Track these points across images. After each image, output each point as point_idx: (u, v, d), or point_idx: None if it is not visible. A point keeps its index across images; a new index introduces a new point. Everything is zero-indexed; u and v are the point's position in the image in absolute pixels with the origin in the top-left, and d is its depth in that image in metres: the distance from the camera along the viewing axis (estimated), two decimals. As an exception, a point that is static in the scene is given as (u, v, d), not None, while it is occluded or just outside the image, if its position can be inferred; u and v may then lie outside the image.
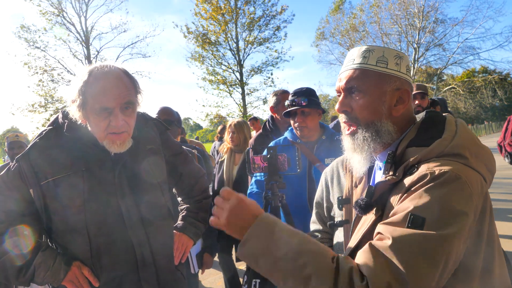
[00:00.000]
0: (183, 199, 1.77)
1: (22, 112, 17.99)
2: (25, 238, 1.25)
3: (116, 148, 1.27)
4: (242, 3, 18.11)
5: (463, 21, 19.63)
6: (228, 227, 0.88)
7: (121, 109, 1.24)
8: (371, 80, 0.96)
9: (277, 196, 2.00)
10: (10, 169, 1.28)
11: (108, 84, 1.21)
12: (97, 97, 1.20)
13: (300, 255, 0.79)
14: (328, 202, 1.74)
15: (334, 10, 24.63)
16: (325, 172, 1.79)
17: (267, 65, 18.98)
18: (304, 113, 2.23)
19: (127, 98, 1.25)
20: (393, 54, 0.97)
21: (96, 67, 1.25)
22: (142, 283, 1.34)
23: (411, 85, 1.00)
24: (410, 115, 1.01)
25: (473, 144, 0.89)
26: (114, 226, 1.30)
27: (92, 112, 1.22)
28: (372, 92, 0.96)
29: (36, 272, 1.23)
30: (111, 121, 1.23)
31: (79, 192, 1.25)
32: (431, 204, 0.77)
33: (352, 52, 1.02)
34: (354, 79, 0.97)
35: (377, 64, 0.96)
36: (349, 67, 1.00)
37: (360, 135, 0.98)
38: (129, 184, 1.34)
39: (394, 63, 0.97)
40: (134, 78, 1.31)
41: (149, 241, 1.36)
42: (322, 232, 1.76)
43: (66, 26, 18.73)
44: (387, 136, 0.97)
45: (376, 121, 0.96)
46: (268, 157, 1.98)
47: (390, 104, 0.97)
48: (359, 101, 0.97)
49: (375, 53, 0.97)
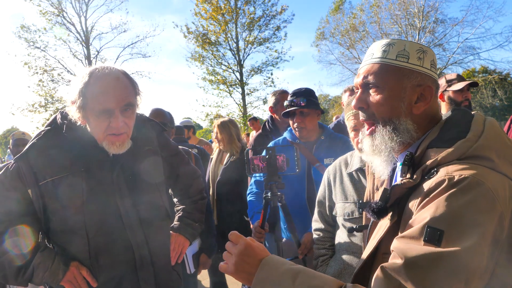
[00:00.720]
0: (179, 200, 1.78)
1: (22, 112, 18.00)
2: (25, 238, 1.26)
3: (115, 149, 1.28)
4: (242, 3, 18.12)
5: (463, 21, 19.62)
6: (236, 274, 0.87)
7: (121, 110, 1.25)
8: (389, 75, 0.90)
9: (276, 196, 2.01)
10: (8, 169, 1.28)
11: (108, 86, 1.22)
12: (97, 99, 1.21)
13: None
14: (330, 201, 1.75)
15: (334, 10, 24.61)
16: (328, 171, 1.80)
17: (267, 65, 19.00)
18: (303, 113, 2.24)
19: (127, 99, 1.26)
20: (416, 48, 0.91)
21: (97, 68, 1.25)
22: (140, 283, 1.35)
23: (435, 81, 0.93)
24: (434, 113, 0.93)
25: (502, 145, 0.81)
26: (113, 227, 1.30)
27: (92, 113, 1.23)
28: (390, 88, 0.90)
29: (35, 272, 1.24)
30: (111, 122, 1.24)
31: (78, 193, 1.26)
32: (450, 215, 0.71)
33: (372, 46, 0.96)
34: (371, 74, 0.92)
35: (397, 58, 0.90)
36: (367, 62, 0.95)
37: (378, 134, 0.93)
38: (128, 185, 1.35)
39: (416, 57, 0.90)
40: (133, 79, 1.32)
41: (148, 241, 1.37)
42: (323, 231, 1.77)
43: (66, 26, 18.76)
44: (406, 135, 0.90)
45: (394, 118, 0.91)
46: (267, 158, 1.98)
47: (410, 101, 0.90)
48: (375, 96, 0.92)
49: (395, 47, 0.91)
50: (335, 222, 1.76)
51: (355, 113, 1.60)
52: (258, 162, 2.02)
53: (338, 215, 1.69)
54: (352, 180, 1.67)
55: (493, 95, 21.78)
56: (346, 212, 1.63)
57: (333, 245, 1.73)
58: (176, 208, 1.77)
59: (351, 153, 1.79)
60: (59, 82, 18.66)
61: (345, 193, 1.67)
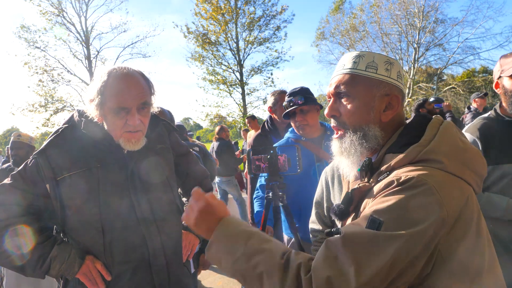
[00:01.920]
0: (188, 199, 1.80)
1: (22, 112, 18.01)
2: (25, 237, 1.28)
3: (131, 146, 1.33)
4: (242, 3, 18.12)
5: (463, 21, 19.60)
6: (196, 228, 0.94)
7: (138, 108, 1.30)
8: (359, 85, 0.96)
9: (277, 196, 2.00)
10: (27, 164, 1.32)
11: (126, 85, 1.27)
12: (115, 97, 1.26)
13: (253, 255, 0.83)
14: (329, 201, 1.74)
15: (334, 10, 24.60)
16: (325, 172, 1.79)
17: (267, 65, 18.99)
18: (303, 111, 2.24)
19: (144, 98, 1.31)
20: (384, 60, 0.97)
21: (115, 68, 1.30)
22: (153, 276, 1.38)
23: (402, 91, 0.99)
24: (400, 120, 1.00)
25: (454, 148, 0.87)
26: (127, 221, 1.34)
27: (109, 111, 1.28)
28: (361, 97, 0.96)
29: (52, 264, 1.28)
30: (128, 120, 1.29)
31: (94, 188, 1.30)
32: (390, 208, 0.77)
33: (343, 58, 1.03)
34: (343, 84, 0.98)
35: (366, 69, 0.96)
36: (339, 72, 1.01)
37: (348, 138, 0.98)
38: (141, 181, 1.39)
39: (384, 68, 0.96)
40: (149, 79, 1.38)
41: (161, 236, 1.41)
42: (321, 233, 1.76)
43: (66, 26, 18.76)
44: (374, 141, 0.96)
45: (363, 125, 0.96)
46: (268, 158, 1.98)
47: (378, 109, 0.96)
48: (347, 105, 0.98)
49: (365, 59, 0.97)
50: (333, 223, 1.75)
51: None
52: (260, 162, 2.02)
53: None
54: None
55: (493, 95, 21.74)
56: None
57: None
58: (185, 207, 1.78)
59: None
60: (59, 82, 18.67)
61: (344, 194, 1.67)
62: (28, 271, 1.28)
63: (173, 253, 1.46)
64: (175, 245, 1.50)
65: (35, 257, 1.27)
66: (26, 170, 1.31)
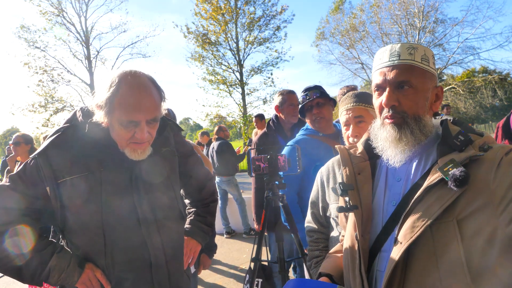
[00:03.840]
0: (190, 202, 1.78)
1: (22, 112, 18.01)
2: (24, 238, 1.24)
3: (136, 156, 1.29)
4: (242, 3, 18.14)
5: (463, 21, 19.61)
6: None
7: (147, 121, 1.25)
8: (419, 76, 1.00)
9: (277, 196, 2.01)
10: (27, 165, 1.27)
11: (138, 98, 1.20)
12: (125, 110, 1.20)
13: None
14: (324, 202, 1.73)
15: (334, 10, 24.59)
16: (321, 172, 1.78)
17: (267, 65, 19.02)
18: (319, 104, 2.25)
19: (154, 113, 1.26)
20: (431, 54, 1.03)
21: (127, 76, 1.22)
22: (153, 276, 1.35)
23: None
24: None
25: None
26: (130, 227, 1.31)
27: (117, 122, 1.22)
28: (420, 88, 1.00)
29: (51, 273, 1.24)
30: (136, 132, 1.24)
31: (97, 192, 1.26)
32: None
33: (393, 48, 1.03)
34: (405, 74, 0.99)
35: (422, 62, 1.00)
36: (396, 62, 1.01)
37: (408, 128, 1.01)
38: (145, 186, 1.36)
39: (432, 62, 1.02)
40: (160, 88, 1.32)
41: (163, 242, 1.38)
42: (317, 232, 1.75)
43: (66, 26, 18.78)
44: (428, 130, 1.02)
45: (422, 115, 1.01)
46: (268, 158, 1.98)
47: (431, 100, 1.02)
48: (409, 96, 1.00)
49: (419, 51, 1.01)
50: (328, 223, 1.75)
51: (348, 108, 1.63)
52: (260, 162, 2.02)
53: (333, 216, 1.68)
54: None
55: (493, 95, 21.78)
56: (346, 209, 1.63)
57: (327, 247, 1.71)
58: (188, 210, 1.76)
59: None
60: (59, 82, 18.68)
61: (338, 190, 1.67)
62: (26, 279, 1.24)
63: (173, 254, 1.44)
64: (176, 246, 1.48)
65: (33, 265, 1.22)
66: (25, 171, 1.26)
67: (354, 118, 1.61)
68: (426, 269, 0.87)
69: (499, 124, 4.20)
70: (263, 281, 2.06)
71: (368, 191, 1.10)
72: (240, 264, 4.66)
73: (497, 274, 0.77)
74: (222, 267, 4.61)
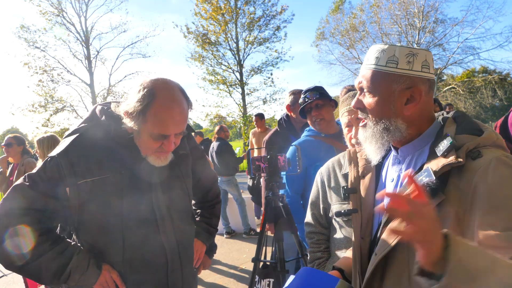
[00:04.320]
0: (196, 203, 1.80)
1: (22, 112, 18.01)
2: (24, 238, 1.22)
3: (159, 163, 1.30)
4: (242, 3, 18.13)
5: (463, 21, 19.60)
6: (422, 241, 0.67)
7: (175, 134, 1.27)
8: (379, 81, 0.98)
9: (277, 196, 2.01)
10: (48, 163, 1.24)
11: (172, 114, 1.21)
12: (158, 125, 1.20)
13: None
14: (325, 202, 1.73)
15: (334, 10, 24.59)
16: (321, 173, 1.78)
17: (267, 65, 19.02)
18: (318, 105, 2.26)
19: (184, 127, 1.28)
20: (405, 53, 0.97)
21: (161, 88, 1.22)
22: (168, 275, 1.37)
23: (428, 81, 0.98)
24: (428, 111, 1.01)
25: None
26: (148, 230, 1.32)
27: (147, 133, 1.23)
28: (380, 92, 0.98)
29: (71, 276, 1.22)
30: (164, 144, 1.25)
31: (118, 194, 1.26)
32: None
33: (369, 52, 1.04)
34: (365, 79, 1.01)
35: (386, 65, 0.97)
36: (363, 67, 1.04)
37: (369, 129, 1.02)
38: (163, 188, 1.37)
39: (405, 61, 0.96)
40: (189, 98, 1.32)
41: (178, 245, 1.40)
42: (318, 234, 1.75)
43: (66, 26, 18.78)
44: (397, 134, 0.99)
45: (384, 119, 0.99)
46: (268, 158, 1.98)
47: (400, 103, 0.97)
48: (368, 100, 1.01)
49: (386, 53, 0.98)
50: (329, 224, 1.74)
51: (349, 110, 1.63)
52: (260, 163, 2.02)
53: (335, 216, 1.68)
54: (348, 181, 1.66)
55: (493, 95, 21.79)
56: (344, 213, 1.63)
57: (328, 248, 1.71)
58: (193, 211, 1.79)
59: (343, 154, 1.77)
60: (59, 82, 18.68)
61: (341, 194, 1.66)
62: (45, 281, 1.23)
63: (187, 256, 1.46)
64: (189, 248, 1.51)
65: (54, 267, 1.20)
66: (45, 171, 1.23)
67: (356, 120, 1.60)
68: (399, 279, 0.91)
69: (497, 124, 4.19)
70: (274, 281, 2.06)
71: (370, 193, 1.11)
72: (240, 264, 4.65)
73: None
74: (222, 267, 4.61)
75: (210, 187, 1.75)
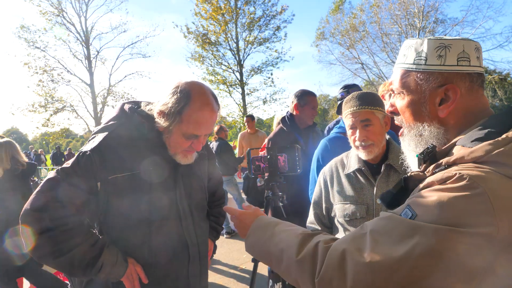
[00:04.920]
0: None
1: (22, 112, 18.00)
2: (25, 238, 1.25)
3: (186, 161, 1.40)
4: (242, 3, 18.11)
5: (463, 21, 19.60)
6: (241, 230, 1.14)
7: (205, 135, 1.37)
8: (408, 81, 0.89)
9: (277, 196, 2.01)
10: (81, 158, 1.28)
11: (206, 117, 1.31)
12: (193, 125, 1.30)
13: (277, 234, 0.94)
14: (327, 202, 1.73)
15: (334, 10, 24.57)
16: (323, 172, 1.78)
17: (267, 65, 18.98)
18: None
19: (212, 129, 1.38)
20: (435, 46, 0.85)
21: (197, 91, 1.31)
22: (190, 278, 1.46)
23: (468, 75, 0.83)
24: (473, 110, 0.84)
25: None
26: (173, 226, 1.40)
27: (180, 132, 1.32)
28: (410, 93, 0.89)
29: (102, 268, 1.25)
30: (193, 144, 1.36)
31: (145, 191, 1.31)
32: (429, 203, 0.69)
33: (402, 47, 0.95)
34: (395, 80, 0.94)
35: (414, 62, 0.88)
36: (394, 67, 0.96)
37: (406, 137, 0.93)
38: (185, 186, 1.45)
39: (435, 56, 0.85)
40: (219, 103, 1.41)
41: (198, 240, 1.49)
42: None
43: (66, 26, 18.77)
44: (433, 140, 0.87)
45: (418, 123, 0.89)
46: (268, 158, 1.98)
47: (432, 104, 0.86)
48: (399, 102, 0.93)
49: (413, 49, 0.89)
50: (332, 224, 1.74)
51: (353, 112, 1.61)
52: (260, 163, 2.02)
53: (338, 216, 1.67)
54: (351, 181, 1.65)
55: (493, 95, 21.78)
56: (346, 213, 1.62)
57: None
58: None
59: (346, 154, 1.78)
60: (59, 82, 18.66)
61: (344, 194, 1.66)
62: (78, 273, 1.24)
63: (204, 251, 1.55)
64: (206, 244, 1.59)
65: (86, 259, 1.23)
66: (79, 165, 1.27)
67: (360, 122, 1.59)
68: None
69: None
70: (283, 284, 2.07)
71: None
72: (240, 264, 4.65)
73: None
74: (222, 267, 4.61)
75: (217, 187, 1.82)
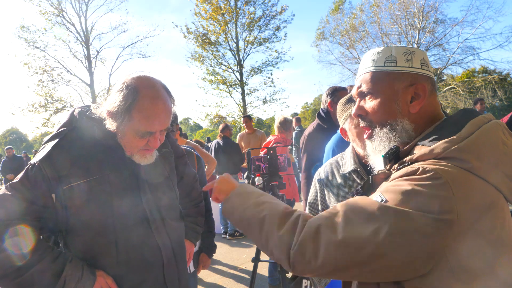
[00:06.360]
0: (180, 203, 1.79)
1: (22, 112, 18.00)
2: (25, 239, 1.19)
3: (145, 161, 1.31)
4: (242, 3, 18.10)
5: (463, 21, 19.54)
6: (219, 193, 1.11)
7: (160, 130, 1.28)
8: (380, 81, 0.95)
9: (278, 196, 2.01)
10: (30, 171, 1.20)
11: (157, 111, 1.22)
12: (144, 122, 1.21)
13: (262, 204, 0.96)
14: (323, 204, 1.72)
15: (334, 10, 24.56)
16: (319, 174, 1.77)
17: (267, 65, 18.96)
18: None
19: (169, 123, 1.30)
20: (402, 51, 0.95)
21: (144, 85, 1.22)
22: (167, 284, 1.37)
23: (430, 79, 0.95)
24: (433, 112, 0.95)
25: (491, 150, 0.81)
26: (142, 231, 1.31)
27: (133, 131, 1.23)
28: (383, 93, 0.95)
29: (66, 285, 1.18)
30: (150, 141, 1.26)
31: (107, 196, 1.23)
32: (398, 190, 0.79)
33: (363, 58, 1.02)
34: (364, 83, 0.98)
35: (385, 64, 0.95)
36: (360, 73, 1.01)
37: (376, 136, 0.98)
38: (150, 187, 1.36)
39: (404, 59, 0.94)
40: (171, 95, 1.33)
41: (172, 243, 1.39)
42: None
43: (66, 26, 18.75)
44: (404, 135, 0.94)
45: (390, 120, 0.95)
46: (268, 158, 1.98)
47: (405, 101, 0.93)
48: (371, 103, 0.97)
49: (382, 54, 0.96)
50: None
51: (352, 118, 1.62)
52: (260, 163, 2.02)
53: None
54: (347, 182, 1.65)
55: (493, 95, 21.75)
56: None
57: None
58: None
59: (341, 155, 1.78)
60: (59, 82, 18.65)
61: (340, 196, 1.66)
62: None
63: (180, 253, 1.47)
64: (181, 246, 1.51)
65: (47, 277, 1.16)
66: (28, 179, 1.19)
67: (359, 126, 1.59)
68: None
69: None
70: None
71: None
72: (240, 264, 4.66)
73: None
74: (222, 267, 4.61)
75: (192, 186, 1.75)
